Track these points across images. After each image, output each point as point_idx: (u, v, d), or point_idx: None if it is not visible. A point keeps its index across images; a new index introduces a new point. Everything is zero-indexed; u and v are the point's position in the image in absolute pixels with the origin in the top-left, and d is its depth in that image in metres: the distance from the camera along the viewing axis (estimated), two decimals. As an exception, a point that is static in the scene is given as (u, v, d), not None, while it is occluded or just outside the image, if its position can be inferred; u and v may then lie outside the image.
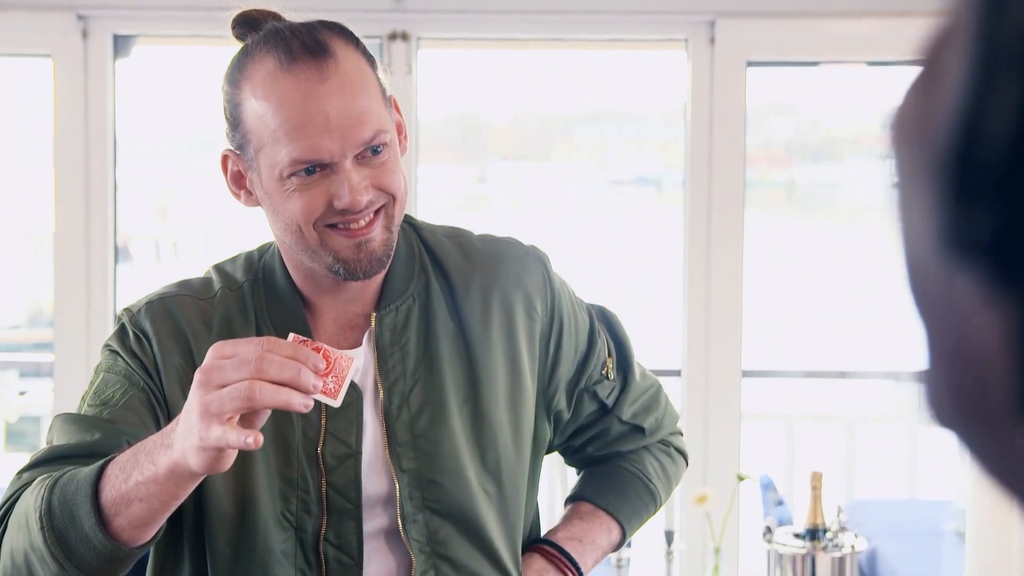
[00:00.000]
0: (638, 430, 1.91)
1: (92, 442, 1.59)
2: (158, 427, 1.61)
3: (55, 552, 1.47)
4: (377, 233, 1.60)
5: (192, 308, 1.69)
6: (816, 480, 2.71)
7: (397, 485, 1.65)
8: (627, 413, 1.89)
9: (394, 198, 1.61)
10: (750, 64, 3.87)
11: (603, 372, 1.85)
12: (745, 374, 3.96)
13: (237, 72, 1.60)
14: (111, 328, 3.82)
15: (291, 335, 1.47)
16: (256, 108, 1.56)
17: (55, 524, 1.48)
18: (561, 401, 1.81)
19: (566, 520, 1.88)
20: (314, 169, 1.56)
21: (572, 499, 1.93)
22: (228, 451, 1.39)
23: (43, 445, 1.66)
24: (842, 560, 2.64)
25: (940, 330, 0.45)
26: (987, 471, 0.45)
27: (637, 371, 1.92)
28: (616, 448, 1.92)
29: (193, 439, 1.37)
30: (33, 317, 7.82)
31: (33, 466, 1.61)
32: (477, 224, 1.79)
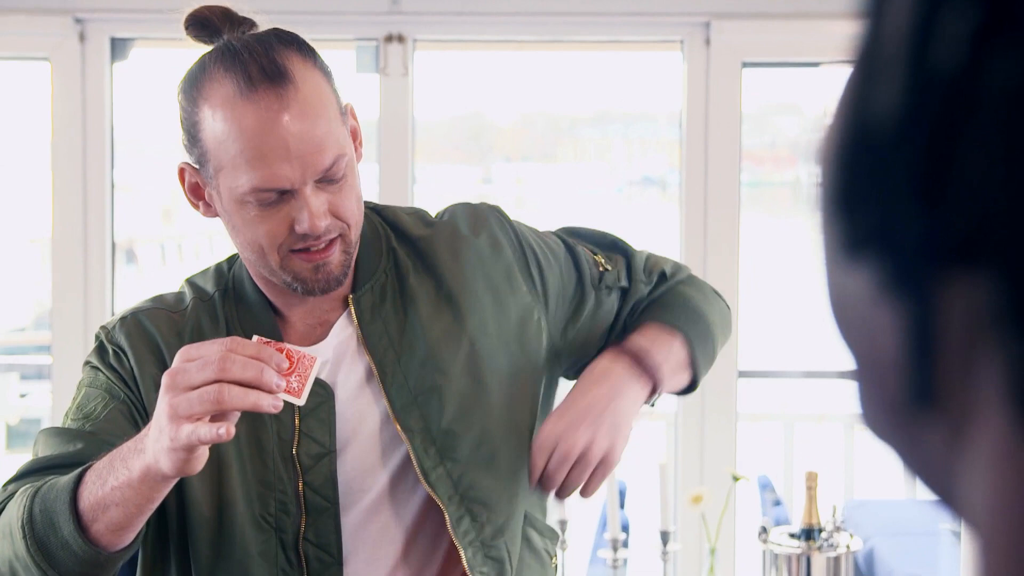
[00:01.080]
0: (661, 278, 1.89)
1: (74, 452, 1.62)
2: None
3: (37, 560, 1.51)
4: (335, 257, 1.63)
5: (165, 321, 1.72)
6: (811, 480, 2.71)
7: (410, 445, 1.67)
8: (643, 273, 1.88)
9: (349, 225, 1.63)
10: (745, 65, 3.87)
11: (600, 269, 1.85)
12: (742, 374, 3.97)
13: (194, 89, 1.60)
14: (109, 330, 3.86)
15: (255, 336, 1.50)
16: (216, 131, 1.57)
17: (36, 532, 1.51)
18: (565, 317, 1.82)
19: (624, 340, 1.81)
20: (273, 194, 1.57)
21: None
22: (199, 452, 1.42)
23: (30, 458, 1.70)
24: (837, 560, 2.64)
25: (849, 334, 0.46)
26: (907, 468, 0.46)
27: (629, 246, 1.92)
28: (649, 299, 1.89)
29: (164, 441, 1.39)
30: (38, 319, 7.86)
31: (18, 478, 1.64)
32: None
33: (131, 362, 1.69)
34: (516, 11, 3.89)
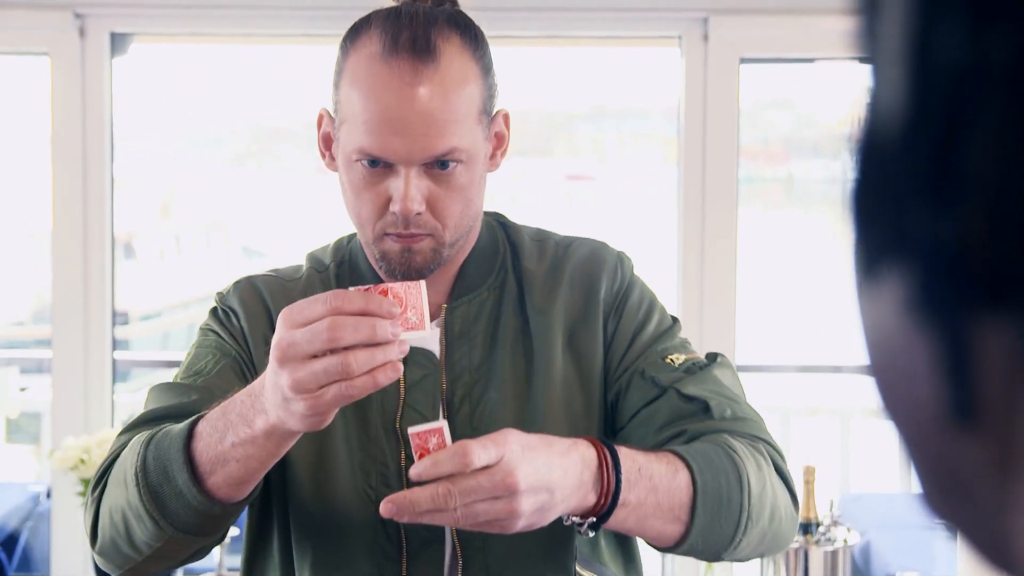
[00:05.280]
0: (703, 407, 1.62)
1: (188, 403, 1.61)
2: None
3: (150, 508, 1.49)
4: (423, 248, 1.59)
5: (277, 287, 1.73)
6: (809, 474, 2.73)
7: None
8: (690, 388, 1.63)
9: (444, 227, 1.58)
10: (743, 61, 3.88)
11: (666, 360, 1.66)
12: (740, 368, 3.97)
13: (350, 40, 1.60)
14: (109, 324, 3.87)
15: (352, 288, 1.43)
16: (349, 84, 1.57)
17: (150, 481, 1.49)
18: (621, 380, 1.68)
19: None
20: (378, 163, 1.56)
21: None
22: (329, 412, 1.39)
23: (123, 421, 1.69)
24: (835, 554, 2.65)
25: (877, 355, 0.44)
26: (915, 464, 0.44)
27: (724, 378, 1.67)
28: (679, 428, 1.61)
29: (292, 414, 1.36)
30: (37, 313, 7.87)
31: (132, 427, 1.63)
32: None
33: (241, 321, 1.69)
34: (514, 7, 3.90)
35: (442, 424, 1.44)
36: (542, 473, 1.39)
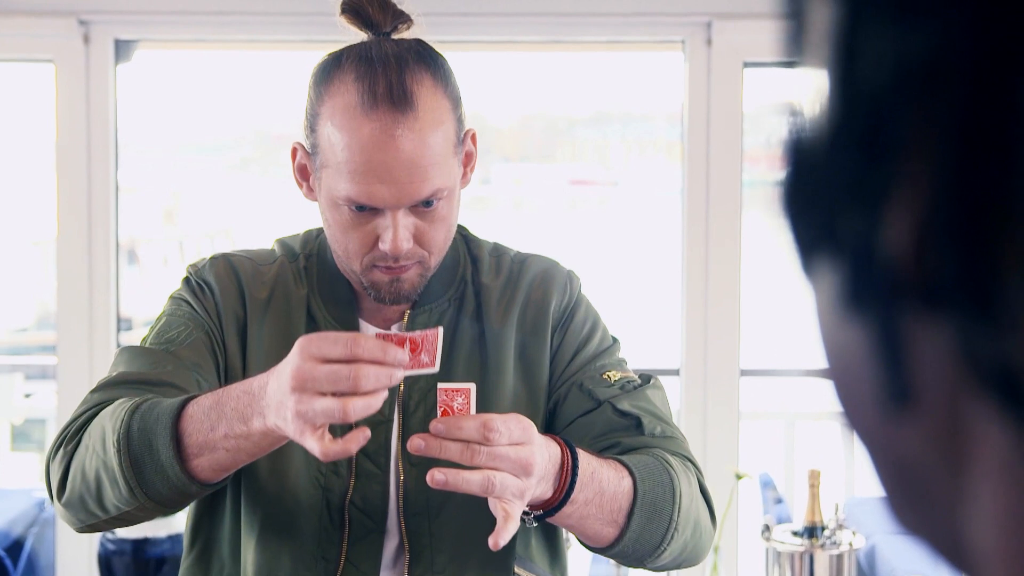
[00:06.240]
0: (635, 423, 1.73)
1: (163, 372, 1.66)
2: (217, 373, 1.71)
3: (128, 476, 1.53)
4: (411, 276, 1.67)
5: (251, 268, 1.77)
6: (814, 478, 2.72)
7: (403, 477, 1.70)
8: (624, 404, 1.73)
9: (430, 253, 1.66)
10: (747, 65, 3.88)
11: (603, 376, 1.76)
12: (744, 373, 3.98)
13: (322, 84, 1.64)
14: (114, 331, 3.88)
15: (373, 330, 1.55)
16: (329, 133, 1.61)
17: (132, 449, 1.53)
18: (560, 390, 1.78)
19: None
20: (366, 207, 1.62)
21: None
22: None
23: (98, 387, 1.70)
24: (840, 558, 2.65)
25: (825, 354, 0.44)
26: (873, 465, 0.44)
27: (654, 397, 1.77)
28: (613, 440, 1.72)
29: (288, 431, 1.44)
30: (41, 320, 7.89)
31: (103, 387, 1.67)
32: (480, 226, 1.84)
33: (216, 297, 1.74)
34: (517, 12, 3.90)
35: (470, 386, 1.55)
36: (546, 462, 1.50)
